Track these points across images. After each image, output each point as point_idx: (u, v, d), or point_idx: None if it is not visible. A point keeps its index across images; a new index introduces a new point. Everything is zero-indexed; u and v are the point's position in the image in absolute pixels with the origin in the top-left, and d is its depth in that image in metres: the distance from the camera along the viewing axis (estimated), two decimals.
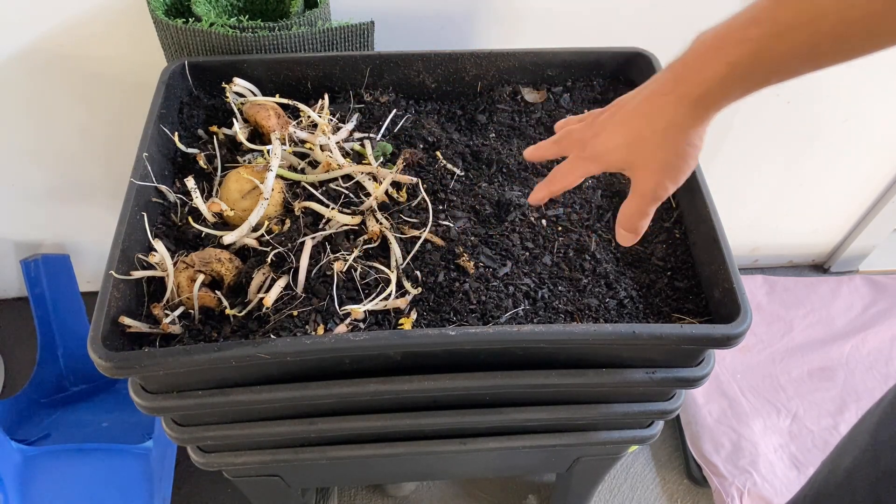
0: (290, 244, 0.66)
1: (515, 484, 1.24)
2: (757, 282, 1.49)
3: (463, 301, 0.65)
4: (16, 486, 0.94)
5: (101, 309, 0.58)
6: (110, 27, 0.93)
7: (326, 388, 0.62)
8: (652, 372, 0.64)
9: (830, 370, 1.35)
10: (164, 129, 0.75)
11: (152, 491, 1.02)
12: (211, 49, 0.81)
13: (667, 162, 0.51)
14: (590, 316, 0.66)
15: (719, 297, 0.64)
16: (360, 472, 0.98)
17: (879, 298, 1.47)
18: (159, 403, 0.62)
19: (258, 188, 0.68)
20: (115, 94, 1.02)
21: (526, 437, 0.75)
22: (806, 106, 1.18)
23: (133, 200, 0.66)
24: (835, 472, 0.64)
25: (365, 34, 0.86)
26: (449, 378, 0.62)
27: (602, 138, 0.54)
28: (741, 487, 1.17)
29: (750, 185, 1.35)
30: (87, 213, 1.24)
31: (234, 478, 0.83)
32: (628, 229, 0.56)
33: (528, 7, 0.98)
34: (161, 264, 0.64)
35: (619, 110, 0.54)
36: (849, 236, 1.50)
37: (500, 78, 0.87)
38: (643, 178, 0.53)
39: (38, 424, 1.17)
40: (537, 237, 0.72)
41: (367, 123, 0.82)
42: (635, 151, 0.52)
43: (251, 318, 0.62)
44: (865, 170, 1.33)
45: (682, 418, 1.30)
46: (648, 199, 0.53)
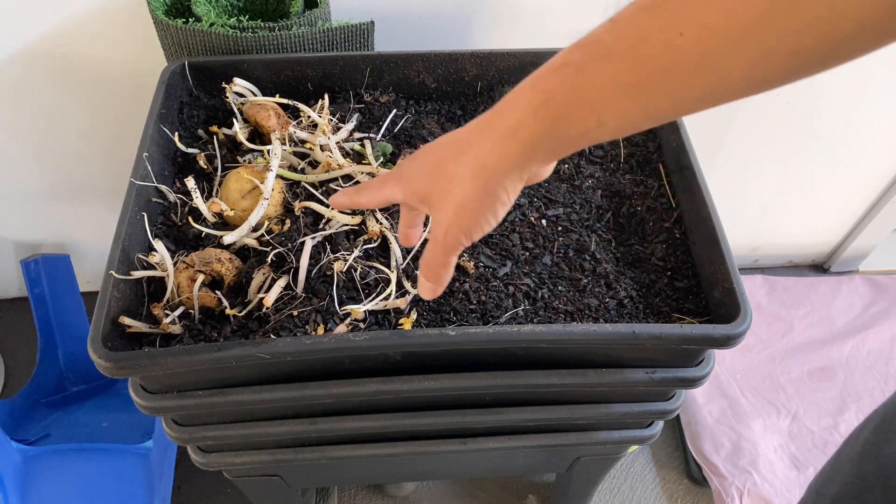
0: (290, 244, 0.66)
1: (515, 484, 1.24)
2: (757, 282, 1.49)
3: (463, 301, 0.65)
4: (16, 486, 0.94)
5: (101, 309, 0.58)
6: (110, 27, 0.93)
7: (326, 388, 0.62)
8: (652, 372, 0.64)
9: (830, 370, 1.35)
10: (164, 129, 0.75)
11: (152, 491, 1.02)
12: (211, 49, 0.81)
13: (461, 205, 0.43)
14: (590, 316, 0.66)
15: (719, 297, 0.64)
16: (360, 472, 0.98)
17: (879, 298, 1.47)
18: (159, 403, 0.62)
19: (258, 188, 0.68)
20: (115, 94, 1.02)
21: (526, 437, 0.75)
22: (806, 106, 1.18)
23: (133, 200, 0.66)
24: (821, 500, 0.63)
25: (365, 34, 0.86)
26: (449, 378, 0.62)
27: (415, 161, 0.48)
28: (741, 487, 1.17)
29: (750, 185, 1.35)
30: (87, 213, 1.24)
31: (234, 478, 0.83)
32: (428, 278, 0.49)
33: (527, 7, 0.98)
34: (161, 264, 0.64)
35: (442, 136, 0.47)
36: (849, 236, 1.50)
37: (500, 78, 0.86)
38: (436, 219, 0.46)
39: (38, 424, 1.17)
40: (537, 237, 0.72)
41: (367, 123, 0.82)
42: (434, 184, 0.45)
43: (251, 318, 0.62)
44: (865, 170, 1.33)
45: (682, 418, 1.30)
46: (440, 247, 0.46)
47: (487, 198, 0.43)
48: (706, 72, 0.34)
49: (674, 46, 0.34)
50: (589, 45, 0.37)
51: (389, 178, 0.51)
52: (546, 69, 0.39)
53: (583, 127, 0.39)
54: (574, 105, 0.38)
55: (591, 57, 0.37)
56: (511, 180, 0.42)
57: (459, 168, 0.43)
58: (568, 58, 0.38)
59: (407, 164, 0.49)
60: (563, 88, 0.38)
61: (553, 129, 0.39)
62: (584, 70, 0.37)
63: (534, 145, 0.40)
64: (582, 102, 0.38)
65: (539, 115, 0.39)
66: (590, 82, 0.37)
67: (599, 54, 0.37)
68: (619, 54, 0.36)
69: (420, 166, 0.47)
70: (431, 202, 0.46)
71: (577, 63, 0.37)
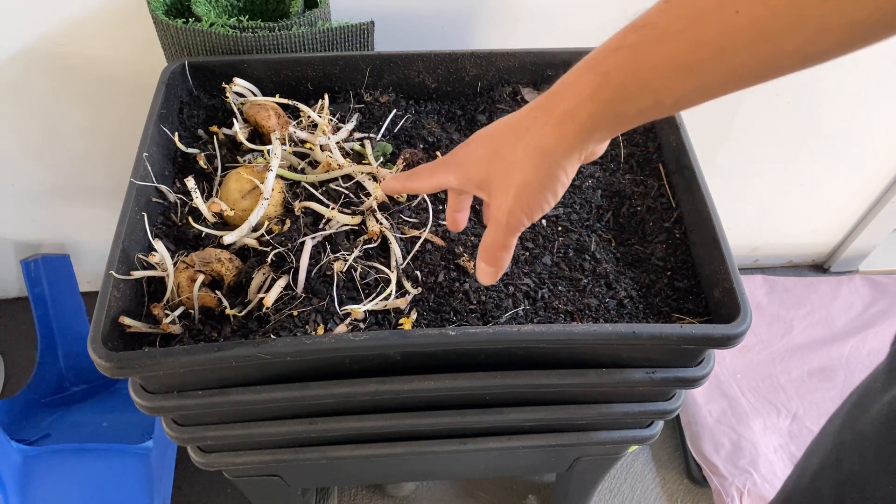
0: (290, 244, 0.66)
1: (515, 484, 1.24)
2: (757, 282, 1.49)
3: (463, 301, 0.65)
4: (16, 486, 0.94)
5: (101, 309, 0.58)
6: (110, 27, 0.93)
7: (326, 388, 0.62)
8: (652, 372, 0.64)
9: (830, 370, 1.35)
10: (164, 129, 0.75)
11: (152, 491, 1.02)
12: (211, 49, 0.81)
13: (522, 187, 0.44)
14: (590, 316, 0.66)
15: (719, 297, 0.64)
16: (360, 472, 0.98)
17: (879, 298, 1.47)
18: (159, 403, 0.62)
19: (258, 188, 0.68)
20: (115, 94, 1.02)
21: (526, 437, 0.75)
22: (806, 106, 1.18)
23: (133, 200, 0.66)
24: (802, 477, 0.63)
25: (365, 34, 0.86)
26: (449, 378, 0.62)
27: (469, 147, 0.49)
28: (741, 487, 1.17)
29: (750, 185, 1.35)
30: (87, 213, 1.24)
31: (234, 478, 0.83)
32: (489, 262, 0.50)
33: (527, 7, 0.98)
34: (161, 264, 0.64)
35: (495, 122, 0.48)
36: (849, 236, 1.50)
37: (500, 78, 0.87)
38: (497, 203, 0.46)
39: (38, 424, 1.17)
40: (537, 237, 0.72)
41: (367, 123, 0.82)
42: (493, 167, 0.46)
43: (251, 318, 0.62)
44: (865, 170, 1.33)
45: (682, 418, 1.30)
46: (503, 229, 0.47)
47: (548, 179, 0.44)
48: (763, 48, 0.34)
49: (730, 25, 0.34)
50: (643, 28, 0.38)
51: (442, 164, 0.51)
52: (601, 52, 0.40)
53: (641, 106, 0.39)
54: (631, 87, 0.39)
55: (645, 39, 0.37)
56: (570, 161, 0.43)
57: (518, 152, 0.44)
58: (622, 40, 0.39)
59: (461, 151, 0.49)
60: (620, 71, 0.38)
61: (611, 110, 0.40)
62: (639, 52, 0.38)
63: (592, 126, 0.41)
64: (639, 84, 0.38)
65: (597, 98, 0.40)
66: (646, 64, 0.38)
67: (654, 36, 0.37)
68: (673, 35, 0.36)
69: (476, 152, 0.48)
70: (491, 187, 0.46)
71: (633, 45, 0.38)
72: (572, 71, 0.42)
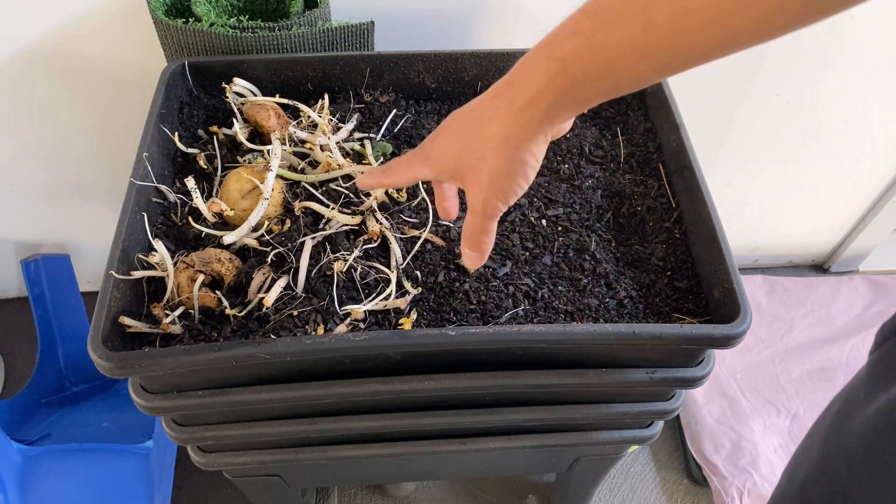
0: (290, 244, 0.66)
1: (515, 484, 1.24)
2: (757, 282, 1.49)
3: (463, 301, 0.65)
4: (16, 486, 0.94)
5: (101, 309, 0.58)
6: (110, 27, 0.93)
7: (326, 388, 0.62)
8: (652, 372, 0.64)
9: (830, 370, 1.35)
10: (164, 129, 0.75)
11: (152, 491, 1.02)
12: (211, 49, 0.81)
13: (493, 175, 0.45)
14: (590, 316, 0.66)
15: (719, 297, 0.64)
16: (360, 472, 0.98)
17: (879, 298, 1.47)
18: (159, 403, 0.62)
19: (258, 188, 0.68)
20: (115, 94, 1.02)
21: (526, 437, 0.75)
22: (806, 106, 1.18)
23: (133, 200, 0.66)
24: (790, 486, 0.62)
25: (365, 34, 0.86)
26: (449, 378, 0.62)
27: (438, 139, 0.49)
28: (741, 487, 1.17)
29: (750, 185, 1.35)
30: (87, 213, 1.24)
31: (234, 478, 0.83)
32: (472, 248, 0.52)
33: (527, 7, 0.98)
34: (161, 264, 0.64)
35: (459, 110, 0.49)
36: (849, 236, 1.50)
37: None
38: (472, 192, 0.47)
39: (38, 424, 1.17)
40: (537, 237, 0.72)
41: (367, 123, 0.82)
42: (463, 159, 0.47)
43: (251, 318, 0.62)
44: (865, 170, 1.33)
45: (682, 418, 1.30)
46: (480, 217, 0.48)
47: (518, 164, 0.45)
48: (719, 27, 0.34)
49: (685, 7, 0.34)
50: (597, 13, 0.38)
51: (415, 157, 0.52)
52: (556, 37, 0.40)
53: (599, 88, 0.40)
54: (589, 71, 0.39)
55: (600, 23, 0.38)
56: (536, 144, 0.44)
57: (485, 142, 0.44)
58: (577, 25, 0.39)
59: (431, 144, 0.50)
60: (577, 56, 0.39)
61: (570, 94, 0.41)
62: (595, 37, 0.38)
63: (553, 111, 0.42)
64: (596, 68, 0.39)
65: (556, 84, 0.40)
66: (602, 48, 0.38)
67: (609, 20, 0.37)
68: (628, 19, 0.36)
69: (446, 145, 0.48)
70: (464, 177, 0.47)
71: (588, 31, 0.38)
72: (529, 57, 0.42)
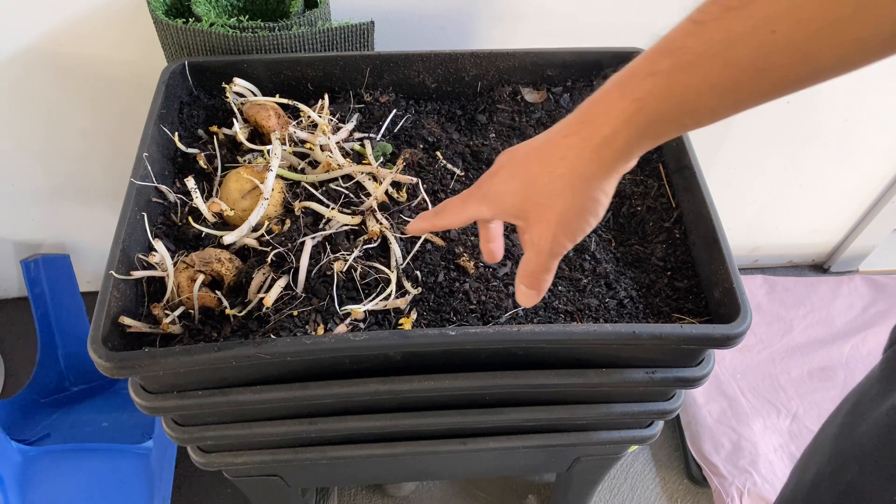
0: (290, 244, 0.66)
1: (515, 484, 1.24)
2: (757, 282, 1.49)
3: (463, 301, 0.65)
4: (16, 486, 0.94)
5: (101, 309, 0.58)
6: (110, 27, 0.93)
7: (326, 388, 0.62)
8: (652, 372, 0.64)
9: (830, 370, 1.35)
10: (164, 129, 0.75)
11: (152, 491, 1.02)
12: (211, 49, 0.81)
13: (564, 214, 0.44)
14: (590, 316, 0.66)
15: (719, 297, 0.64)
16: (360, 472, 0.98)
17: (879, 298, 1.47)
18: (159, 403, 0.62)
19: (258, 188, 0.68)
20: (115, 94, 1.02)
21: (526, 437, 0.75)
22: (806, 106, 1.18)
23: (133, 200, 0.66)
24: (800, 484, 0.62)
25: (365, 34, 0.86)
26: (449, 378, 0.62)
27: (498, 178, 0.48)
28: (741, 487, 1.17)
29: (750, 185, 1.35)
30: (87, 213, 1.24)
31: (234, 478, 0.83)
32: (530, 287, 0.50)
33: (527, 7, 0.98)
34: (161, 264, 0.64)
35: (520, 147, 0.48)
36: (849, 236, 1.50)
37: (500, 78, 0.87)
38: (538, 231, 0.46)
39: (38, 424, 1.17)
40: None
41: (367, 123, 0.82)
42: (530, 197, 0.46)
43: (251, 318, 0.62)
44: (865, 170, 1.33)
45: (682, 418, 1.30)
46: (546, 255, 0.47)
47: (590, 202, 0.44)
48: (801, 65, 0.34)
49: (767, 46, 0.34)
50: (675, 52, 0.37)
51: (471, 197, 0.51)
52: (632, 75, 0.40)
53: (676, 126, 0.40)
54: (667, 110, 0.39)
55: (680, 64, 0.37)
56: (609, 182, 0.44)
57: (555, 181, 0.44)
58: (654, 65, 0.38)
59: (491, 183, 0.49)
60: (655, 96, 0.39)
61: (647, 133, 0.40)
62: (674, 77, 0.38)
63: (630, 149, 0.41)
64: (675, 107, 0.39)
65: (633, 124, 0.40)
66: (681, 89, 0.38)
67: (688, 60, 0.37)
68: (709, 59, 0.36)
69: (508, 184, 0.47)
70: (528, 216, 0.47)
71: (667, 71, 0.38)
72: (603, 96, 0.42)
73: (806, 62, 0.34)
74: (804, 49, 0.33)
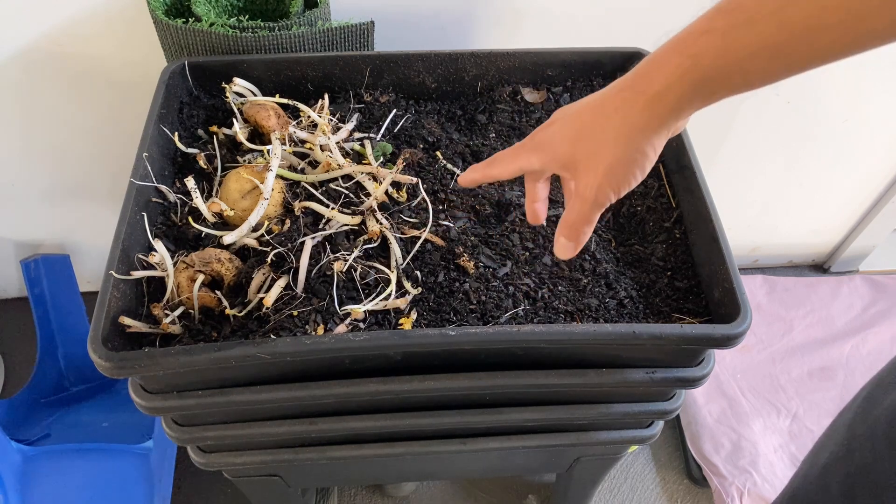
0: (290, 244, 0.66)
1: (515, 484, 1.24)
2: (757, 282, 1.49)
3: (463, 301, 0.65)
4: (16, 486, 0.94)
5: (101, 309, 0.58)
6: (110, 27, 0.93)
7: (326, 388, 0.62)
8: (652, 372, 0.64)
9: (830, 370, 1.35)
10: (164, 129, 0.75)
11: (152, 491, 1.02)
12: (211, 49, 0.81)
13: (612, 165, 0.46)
14: (590, 316, 0.66)
15: (719, 297, 0.64)
16: (360, 472, 0.98)
17: (879, 298, 1.47)
18: (159, 403, 0.62)
19: (258, 188, 0.68)
20: (115, 94, 1.02)
21: (526, 437, 0.75)
22: (806, 106, 1.18)
23: (133, 200, 0.66)
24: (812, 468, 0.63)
25: (365, 34, 0.86)
26: (449, 378, 0.62)
27: (552, 129, 0.50)
28: (741, 487, 1.17)
29: (750, 185, 1.35)
30: (87, 213, 1.24)
31: (234, 478, 0.83)
32: (570, 237, 0.51)
33: (527, 7, 0.98)
34: (161, 264, 0.64)
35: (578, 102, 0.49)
36: (849, 236, 1.50)
37: (500, 78, 0.87)
38: (585, 179, 0.47)
39: (38, 424, 1.17)
40: (537, 237, 0.72)
41: (367, 123, 0.82)
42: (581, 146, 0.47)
43: (251, 318, 0.62)
44: (865, 170, 1.33)
45: (682, 418, 1.30)
46: (590, 205, 0.48)
47: (639, 155, 0.45)
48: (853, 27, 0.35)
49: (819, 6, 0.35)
50: (732, 11, 0.39)
51: (523, 148, 0.52)
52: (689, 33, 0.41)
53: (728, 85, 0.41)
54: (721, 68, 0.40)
55: (735, 22, 0.38)
56: (659, 137, 0.45)
57: (607, 132, 0.45)
58: (711, 23, 0.40)
59: (543, 133, 0.50)
60: (710, 53, 0.40)
61: (700, 90, 0.42)
62: (729, 35, 0.39)
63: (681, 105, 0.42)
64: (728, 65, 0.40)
65: (687, 79, 0.41)
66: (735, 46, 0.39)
67: (743, 19, 0.38)
68: (763, 18, 0.37)
69: (560, 133, 0.48)
70: (577, 166, 0.47)
71: (722, 29, 0.39)
72: (659, 53, 0.43)
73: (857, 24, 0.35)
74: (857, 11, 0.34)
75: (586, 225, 0.50)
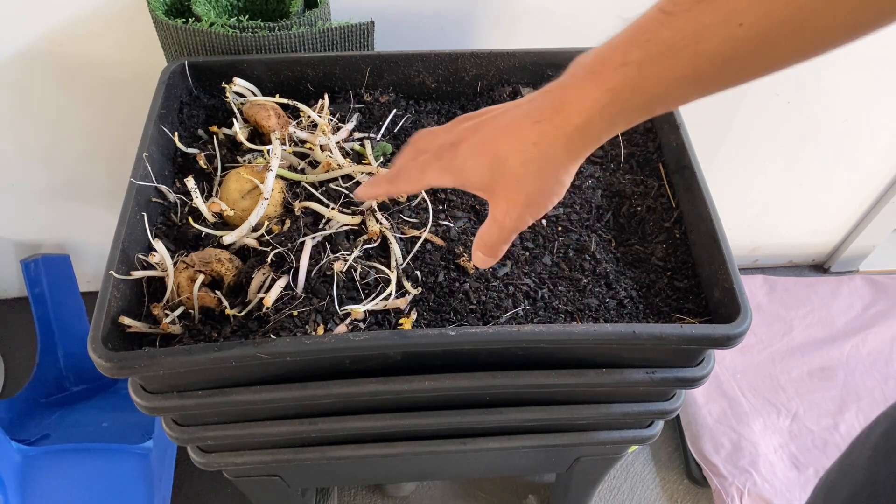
0: (290, 244, 0.66)
1: (515, 484, 1.24)
2: (757, 282, 1.49)
3: (463, 301, 0.65)
4: (16, 486, 0.94)
5: (101, 309, 0.58)
6: (110, 27, 0.93)
7: (326, 388, 0.62)
8: (652, 372, 0.64)
9: (830, 370, 1.35)
10: (164, 129, 0.75)
11: (152, 491, 1.02)
12: (211, 49, 0.81)
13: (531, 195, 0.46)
14: (590, 316, 0.66)
15: (719, 297, 0.64)
16: (360, 472, 0.98)
17: (879, 298, 1.47)
18: (159, 403, 0.62)
19: (258, 188, 0.68)
20: (114, 94, 1.02)
21: (526, 437, 0.75)
22: (806, 106, 1.18)
23: (133, 200, 0.66)
24: None
25: (365, 34, 0.86)
26: (449, 378, 0.62)
27: (462, 151, 0.48)
28: (741, 487, 1.17)
29: (750, 185, 1.35)
30: (87, 213, 1.24)
31: (234, 478, 0.83)
32: (489, 254, 0.52)
33: (527, 7, 0.98)
34: (161, 264, 0.64)
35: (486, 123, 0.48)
36: (849, 236, 1.50)
37: (500, 78, 0.87)
38: (504, 209, 0.48)
39: (38, 424, 1.17)
40: (537, 237, 0.72)
41: (367, 123, 0.82)
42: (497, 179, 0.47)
43: (251, 318, 0.62)
44: (865, 170, 1.33)
45: (682, 418, 1.30)
46: (508, 231, 0.49)
47: (557, 186, 0.46)
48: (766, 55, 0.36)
49: (734, 38, 0.35)
50: (647, 43, 0.39)
51: (430, 167, 0.51)
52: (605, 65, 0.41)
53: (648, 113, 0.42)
54: (639, 100, 0.40)
55: (651, 55, 0.38)
56: (575, 166, 0.46)
57: (526, 166, 0.45)
58: (626, 56, 0.40)
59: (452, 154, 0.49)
60: (627, 87, 0.40)
61: (620, 120, 0.42)
62: (645, 69, 0.39)
63: (601, 136, 0.43)
64: (647, 97, 0.40)
65: (606, 113, 0.41)
66: (653, 79, 0.39)
67: (659, 52, 0.38)
68: (679, 50, 0.37)
69: (472, 160, 0.48)
70: (495, 194, 0.48)
71: (638, 62, 0.39)
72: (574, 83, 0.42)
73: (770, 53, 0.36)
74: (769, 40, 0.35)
75: (505, 244, 0.51)
